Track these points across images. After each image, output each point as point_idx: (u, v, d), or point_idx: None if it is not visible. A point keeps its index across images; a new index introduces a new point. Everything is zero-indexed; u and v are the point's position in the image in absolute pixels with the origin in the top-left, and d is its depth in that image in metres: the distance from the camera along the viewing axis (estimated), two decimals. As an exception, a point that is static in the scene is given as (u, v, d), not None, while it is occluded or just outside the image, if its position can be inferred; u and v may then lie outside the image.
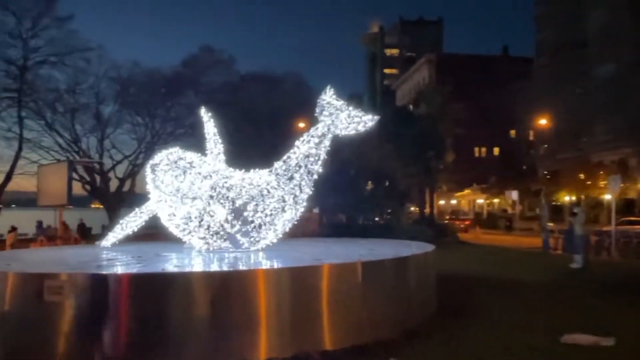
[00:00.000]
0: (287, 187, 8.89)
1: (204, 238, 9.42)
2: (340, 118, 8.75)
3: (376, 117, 8.84)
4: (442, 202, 71.98)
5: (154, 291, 6.05)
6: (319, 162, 8.74)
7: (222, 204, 9.44)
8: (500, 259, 18.58)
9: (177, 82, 44.72)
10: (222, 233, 9.02)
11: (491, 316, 8.53)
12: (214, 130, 10.56)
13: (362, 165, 27.51)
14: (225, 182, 9.49)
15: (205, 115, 10.61)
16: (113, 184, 45.49)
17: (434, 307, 8.41)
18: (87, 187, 41.98)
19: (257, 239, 9.14)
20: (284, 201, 9.02)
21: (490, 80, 72.99)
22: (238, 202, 8.80)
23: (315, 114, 9.03)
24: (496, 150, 78.68)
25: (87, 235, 19.75)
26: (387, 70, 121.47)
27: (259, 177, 9.30)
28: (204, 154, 11.04)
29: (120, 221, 11.52)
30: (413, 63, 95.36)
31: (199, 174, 9.74)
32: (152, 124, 43.47)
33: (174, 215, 10.14)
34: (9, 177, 36.82)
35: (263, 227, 8.94)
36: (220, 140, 10.61)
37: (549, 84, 56.13)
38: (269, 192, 8.80)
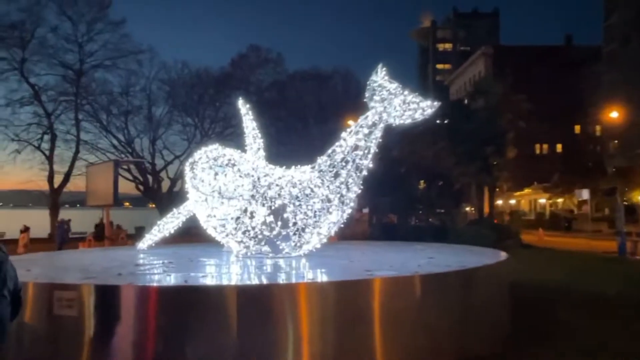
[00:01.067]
0: (332, 185, 7.79)
1: (241, 241, 8.55)
2: (393, 104, 7.53)
3: (436, 103, 7.57)
4: (499, 201, 68.39)
5: (172, 305, 5.14)
6: (369, 156, 7.58)
7: (263, 204, 8.52)
8: (574, 265, 16.58)
9: (226, 82, 44.92)
10: (261, 236, 8.08)
11: (577, 341, 7.03)
12: (253, 124, 9.64)
13: (414, 163, 25.96)
14: (266, 181, 8.57)
15: (243, 108, 9.71)
16: (165, 185, 46.52)
17: (507, 329, 7.02)
18: (141, 187, 42.99)
19: (299, 244, 8.11)
20: (328, 201, 7.93)
21: (552, 72, 68.55)
22: (278, 203, 7.80)
23: (365, 99, 7.87)
24: (559, 147, 73.83)
25: (102, 237, 19.62)
26: (439, 66, 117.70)
27: (301, 174, 8.28)
28: (245, 150, 10.20)
29: (157, 222, 10.90)
30: (467, 57, 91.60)
31: (239, 171, 8.87)
32: (201, 124, 43.93)
33: (213, 216, 9.35)
34: (67, 177, 38.24)
35: (305, 230, 7.90)
36: (259, 135, 9.68)
37: (620, 73, 51.70)
38: (312, 190, 7.74)
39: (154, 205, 47.62)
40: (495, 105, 23.84)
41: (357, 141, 7.56)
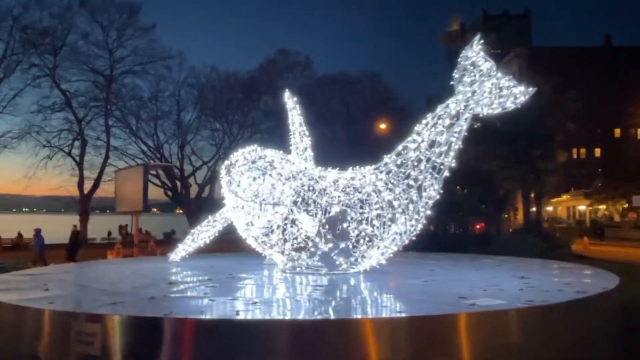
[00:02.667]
0: (399, 189, 6.55)
1: (287, 254, 7.42)
2: (484, 89, 6.25)
3: (531, 89, 6.26)
4: (533, 209, 65.71)
5: (221, 342, 3.98)
6: (451, 154, 6.29)
7: (309, 212, 7.37)
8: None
9: (254, 87, 44.28)
10: (311, 249, 6.91)
11: None
12: (300, 120, 8.50)
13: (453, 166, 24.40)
14: (314, 185, 7.42)
15: (290, 101, 8.58)
16: (193, 190, 46.06)
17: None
18: (169, 193, 42.59)
19: (358, 259, 6.90)
20: (392, 208, 6.70)
21: (591, 75, 65.73)
22: (333, 211, 6.60)
23: (452, 82, 6.62)
24: (597, 151, 70.64)
25: (77, 248, 18.76)
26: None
27: (361, 177, 7.07)
28: (288, 151, 9.09)
29: (191, 231, 9.88)
30: (498, 60, 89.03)
31: (281, 175, 7.76)
32: (229, 129, 43.38)
33: (252, 224, 8.25)
34: (97, 183, 38.07)
35: (365, 242, 6.68)
36: (307, 133, 8.54)
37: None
38: (378, 194, 6.50)
39: (181, 211, 47.24)
40: (545, 104, 22.16)
41: (436, 135, 6.29)
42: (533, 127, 22.91)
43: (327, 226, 6.65)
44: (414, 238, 6.58)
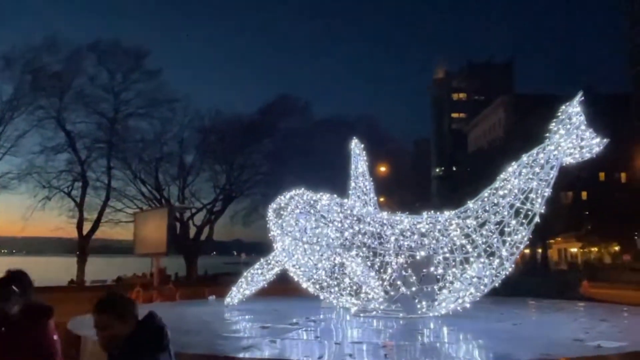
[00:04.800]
0: (476, 235, 6.87)
1: (362, 299, 7.57)
2: (571, 139, 6.74)
3: (605, 141, 6.77)
4: (527, 250, 66.46)
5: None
6: (539, 200, 6.69)
7: (366, 255, 7.60)
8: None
9: (254, 129, 45.01)
10: (393, 292, 7.10)
11: None
12: (364, 167, 8.88)
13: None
14: (378, 228, 7.70)
15: (357, 148, 8.98)
16: (190, 232, 45.57)
17: None
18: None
19: (433, 302, 7.11)
20: (467, 253, 7.00)
21: (574, 120, 68.11)
22: (418, 255, 6.86)
23: (550, 133, 7.08)
24: (584, 194, 72.33)
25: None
26: (454, 114, 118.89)
27: (430, 221, 7.38)
28: (342, 194, 9.38)
29: (244, 274, 9.97)
30: (482, 106, 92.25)
31: (326, 219, 8.03)
32: (230, 171, 43.63)
33: (301, 266, 8.43)
34: (96, 225, 37.57)
35: (445, 286, 6.92)
36: (370, 178, 8.90)
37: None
38: (448, 238, 6.81)
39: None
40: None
41: (526, 183, 6.69)
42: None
43: (410, 270, 6.88)
44: (496, 284, 6.84)
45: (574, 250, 61.84)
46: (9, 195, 36.22)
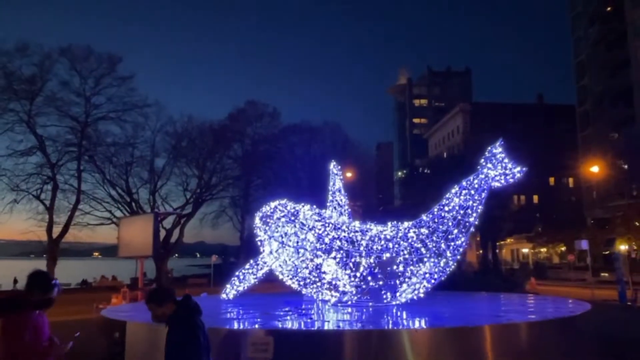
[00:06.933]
0: (428, 240, 8.84)
1: (340, 291, 9.31)
2: (494, 170, 8.81)
3: (524, 169, 8.86)
4: (480, 251, 70.29)
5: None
6: (474, 215, 8.73)
7: (341, 256, 9.40)
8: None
9: (224, 135, 46.15)
10: (364, 286, 8.94)
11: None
12: (340, 184, 10.71)
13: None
14: (352, 235, 9.50)
15: (335, 169, 10.80)
16: (160, 235, 46.17)
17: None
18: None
19: (396, 294, 9.01)
20: (421, 254, 8.95)
21: (527, 128, 72.78)
22: (384, 256, 8.75)
23: (479, 166, 9.11)
24: (535, 198, 77.07)
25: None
26: (415, 120, 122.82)
27: (392, 230, 9.29)
28: (317, 206, 11.13)
29: (237, 273, 11.57)
30: (442, 112, 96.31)
31: (320, 226, 9.75)
32: (200, 176, 44.59)
33: (287, 266, 10.12)
34: (66, 228, 37.78)
35: (400, 281, 8.83)
36: (344, 193, 10.73)
37: (594, 130, 55.62)
38: (407, 242, 8.75)
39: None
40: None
41: (465, 201, 8.73)
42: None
43: (377, 268, 8.77)
44: (443, 278, 8.86)
45: (525, 250, 66.01)
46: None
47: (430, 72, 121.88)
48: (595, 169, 40.18)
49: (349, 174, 43.19)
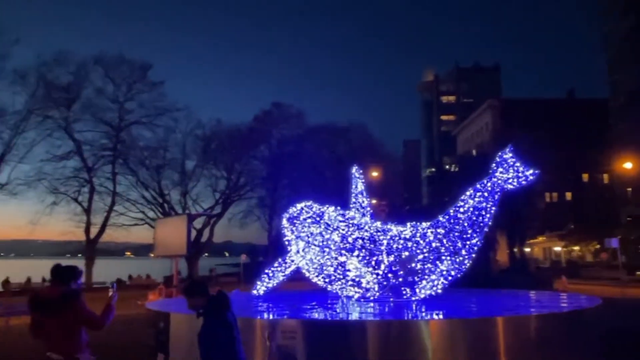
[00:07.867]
0: (446, 239, 9.21)
1: (364, 287, 9.74)
2: (510, 174, 9.13)
3: (537, 172, 9.13)
4: (514, 249, 69.18)
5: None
6: (488, 215, 9.06)
7: (364, 255, 9.85)
8: None
9: (252, 137, 47.14)
10: (386, 283, 9.38)
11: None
12: (362, 187, 11.15)
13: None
14: (374, 235, 9.94)
15: (357, 172, 11.26)
16: (191, 235, 47.53)
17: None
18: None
19: (416, 290, 9.41)
20: (439, 253, 9.32)
21: (558, 124, 71.16)
22: (404, 255, 9.18)
23: (491, 170, 9.44)
24: (568, 195, 75.21)
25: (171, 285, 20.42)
26: (443, 117, 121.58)
27: (412, 230, 9.69)
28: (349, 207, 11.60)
29: (266, 270, 12.18)
30: (471, 109, 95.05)
31: (344, 227, 10.20)
32: (229, 177, 45.75)
33: (313, 264, 10.62)
34: (102, 229, 39.51)
35: (423, 277, 9.22)
36: (366, 195, 11.17)
37: (628, 125, 54.12)
38: (425, 242, 9.13)
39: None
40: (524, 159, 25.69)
41: (479, 203, 9.08)
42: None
43: (398, 266, 9.20)
44: (459, 275, 9.24)
45: (557, 249, 64.67)
46: (12, 201, 37.90)
47: (457, 68, 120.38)
48: (629, 165, 39.17)
49: (374, 174, 43.57)
